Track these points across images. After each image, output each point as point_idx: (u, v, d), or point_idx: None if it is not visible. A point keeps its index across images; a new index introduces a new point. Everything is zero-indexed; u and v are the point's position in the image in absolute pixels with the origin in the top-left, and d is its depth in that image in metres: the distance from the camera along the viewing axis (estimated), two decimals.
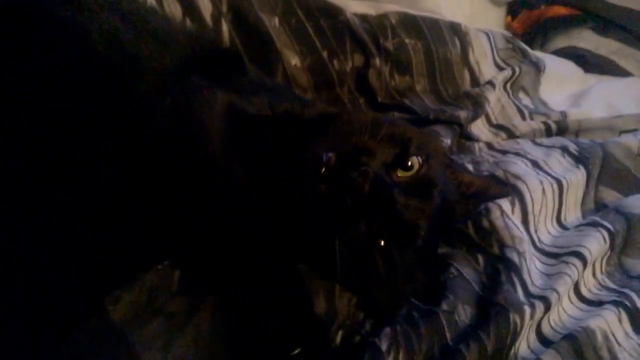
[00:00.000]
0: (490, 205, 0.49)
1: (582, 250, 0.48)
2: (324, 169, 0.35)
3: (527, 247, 0.47)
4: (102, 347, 0.31)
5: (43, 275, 0.33)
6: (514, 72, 0.79)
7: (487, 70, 0.78)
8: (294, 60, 0.63)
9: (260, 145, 0.39)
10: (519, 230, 0.48)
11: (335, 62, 0.66)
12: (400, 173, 0.38)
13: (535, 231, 0.52)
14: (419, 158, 0.39)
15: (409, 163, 0.39)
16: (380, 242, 0.36)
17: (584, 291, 0.47)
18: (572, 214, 0.57)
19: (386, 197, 0.36)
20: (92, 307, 0.32)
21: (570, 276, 0.46)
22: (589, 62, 1.02)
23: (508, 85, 0.78)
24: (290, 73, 0.63)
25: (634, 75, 1.01)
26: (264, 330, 0.34)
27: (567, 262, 0.47)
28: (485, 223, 0.48)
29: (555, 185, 0.55)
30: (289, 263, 0.37)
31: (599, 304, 0.46)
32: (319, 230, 0.36)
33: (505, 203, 0.50)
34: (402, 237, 0.37)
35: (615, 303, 0.46)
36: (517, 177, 0.54)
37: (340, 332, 0.37)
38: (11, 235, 0.32)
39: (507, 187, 0.52)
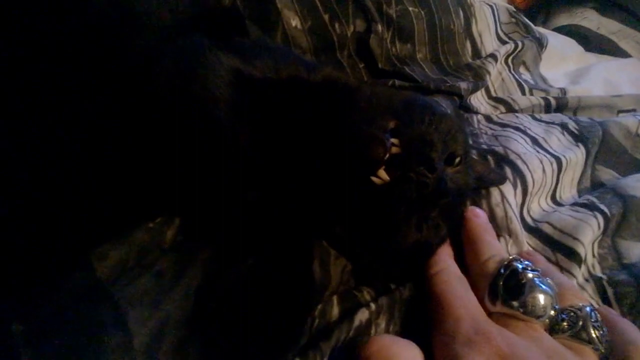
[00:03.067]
0: (492, 188, 0.48)
1: (577, 247, 0.46)
2: (387, 156, 0.34)
3: (522, 243, 0.46)
4: (85, 302, 0.30)
5: (27, 225, 0.33)
6: (516, 46, 0.78)
7: (489, 43, 0.77)
8: (295, 22, 0.62)
9: (269, 111, 0.38)
10: (517, 222, 0.47)
11: (336, 25, 0.65)
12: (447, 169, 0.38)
13: (528, 211, 0.51)
14: (462, 157, 0.40)
15: (455, 161, 0.39)
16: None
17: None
18: (568, 192, 0.56)
19: (443, 195, 0.36)
20: (77, 261, 0.31)
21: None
22: (589, 41, 1.01)
23: (510, 59, 0.78)
24: (290, 35, 0.62)
25: (633, 56, 1.01)
26: (257, 290, 0.34)
27: (563, 269, 0.46)
28: (485, 207, 0.47)
29: (555, 164, 0.54)
30: (295, 228, 0.36)
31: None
32: (354, 210, 0.35)
33: (507, 186, 0.49)
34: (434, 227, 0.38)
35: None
36: (518, 156, 0.53)
37: (335, 298, 0.37)
38: None
39: (505, 174, 0.50)
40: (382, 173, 0.34)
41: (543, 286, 0.34)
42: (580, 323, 0.34)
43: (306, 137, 0.36)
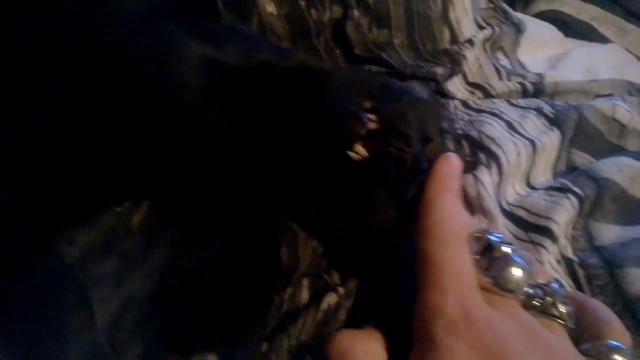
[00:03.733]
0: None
1: (551, 225, 0.47)
2: (363, 131, 0.34)
3: (497, 221, 0.46)
4: (51, 286, 0.30)
5: None
6: (494, 31, 0.78)
7: (467, 28, 0.77)
8: (270, 8, 0.61)
9: (242, 96, 0.37)
10: (491, 201, 0.47)
11: (313, 12, 0.64)
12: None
13: (503, 194, 0.51)
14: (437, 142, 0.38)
15: (431, 146, 0.38)
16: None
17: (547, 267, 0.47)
18: (542, 176, 0.57)
19: (420, 173, 0.35)
20: (45, 247, 0.31)
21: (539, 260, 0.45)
22: (569, 27, 1.01)
23: (487, 45, 0.77)
24: (266, 21, 0.61)
25: (613, 42, 1.01)
26: (221, 271, 0.34)
27: (535, 243, 0.46)
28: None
29: (529, 147, 0.54)
30: (263, 210, 0.36)
31: None
32: (323, 183, 0.35)
33: (480, 169, 0.49)
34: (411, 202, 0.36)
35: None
36: (492, 140, 0.53)
37: (305, 281, 0.37)
38: None
39: (477, 159, 0.50)
40: (360, 148, 0.34)
41: (519, 260, 0.33)
42: (549, 299, 0.33)
43: (280, 121, 0.36)
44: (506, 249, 0.33)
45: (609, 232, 0.50)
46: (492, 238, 0.34)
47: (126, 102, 0.34)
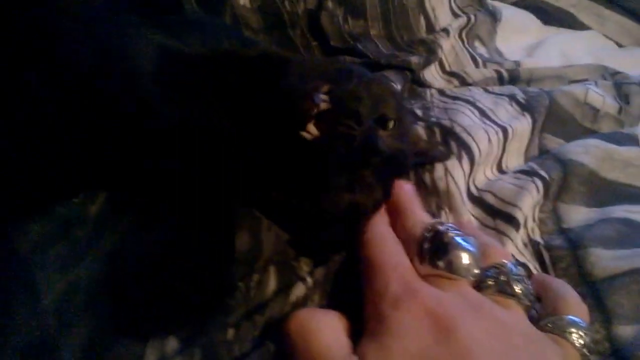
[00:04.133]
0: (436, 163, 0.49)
1: (515, 212, 0.47)
2: (315, 111, 0.34)
3: (461, 217, 0.47)
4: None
5: None
6: (469, 20, 0.78)
7: (443, 17, 0.77)
8: (243, 0, 0.62)
9: (199, 85, 0.38)
10: (459, 195, 0.47)
11: (286, 3, 0.65)
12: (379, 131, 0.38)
13: (474, 181, 0.52)
14: (395, 121, 0.39)
15: (388, 124, 0.39)
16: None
17: (512, 250, 0.47)
18: (515, 161, 0.57)
19: (373, 152, 0.36)
20: None
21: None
22: (548, 14, 1.01)
23: (463, 33, 0.78)
24: (239, 13, 0.62)
25: (591, 29, 1.02)
26: (173, 255, 0.34)
27: (499, 231, 0.47)
28: (427, 180, 0.48)
29: (500, 134, 0.55)
30: (218, 197, 0.36)
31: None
32: (279, 169, 0.36)
33: (451, 160, 0.49)
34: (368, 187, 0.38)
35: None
36: (464, 129, 0.53)
37: (272, 268, 0.37)
38: None
39: (449, 150, 0.51)
40: (312, 127, 0.34)
41: (466, 244, 0.35)
42: (503, 278, 0.35)
43: (237, 106, 0.36)
44: (454, 236, 0.35)
45: (577, 214, 0.51)
46: (441, 228, 0.36)
47: (82, 92, 0.34)
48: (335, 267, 0.39)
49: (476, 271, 0.35)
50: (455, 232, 0.35)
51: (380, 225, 0.38)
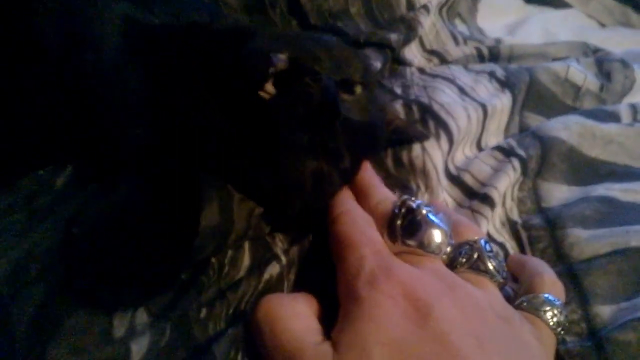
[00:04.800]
0: None
1: (491, 192, 0.47)
2: (272, 70, 0.34)
3: (437, 197, 0.47)
4: None
5: None
6: None
7: None
8: None
9: (166, 56, 0.37)
10: (436, 176, 0.47)
11: None
12: (344, 95, 0.37)
13: (452, 159, 0.51)
14: (361, 86, 0.39)
15: (354, 89, 0.38)
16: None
17: (489, 229, 0.47)
18: (494, 139, 0.57)
19: (333, 111, 0.34)
20: None
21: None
22: None
23: (444, 11, 0.77)
24: None
25: (573, 7, 1.01)
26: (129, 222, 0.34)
27: (474, 210, 0.47)
28: (404, 158, 0.48)
29: (480, 110, 0.55)
30: (181, 167, 0.35)
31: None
32: (248, 136, 0.35)
33: (429, 141, 0.49)
34: (333, 153, 0.37)
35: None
36: (442, 106, 0.53)
37: (246, 244, 0.37)
38: None
39: (427, 130, 0.51)
40: (269, 87, 0.34)
41: (437, 221, 0.34)
42: (476, 255, 0.34)
43: (200, 75, 0.35)
44: (426, 212, 0.34)
45: (557, 192, 0.50)
46: (413, 205, 0.35)
47: (47, 63, 0.34)
48: (309, 245, 0.38)
49: (448, 249, 0.34)
50: (427, 208, 0.35)
51: (349, 201, 0.38)
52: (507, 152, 0.51)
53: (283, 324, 0.31)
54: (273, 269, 0.36)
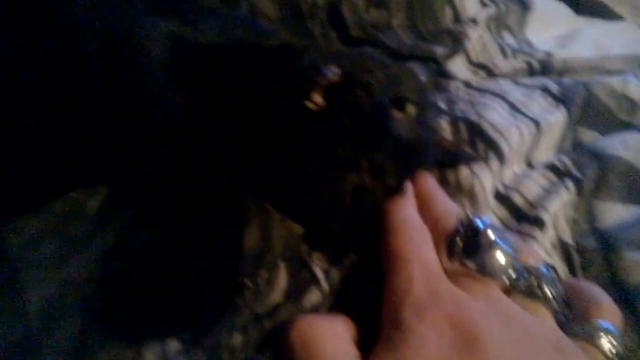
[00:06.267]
0: None
1: (542, 214, 0.44)
2: (322, 81, 0.33)
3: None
4: None
5: None
6: (498, 9, 0.75)
7: (470, 6, 0.74)
8: None
9: (212, 76, 0.36)
10: (484, 199, 0.45)
11: None
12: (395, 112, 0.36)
13: (501, 177, 0.49)
14: (414, 105, 0.38)
15: (406, 107, 0.37)
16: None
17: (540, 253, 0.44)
18: (544, 155, 0.54)
19: (382, 125, 0.34)
20: None
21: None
22: (580, 4, 0.97)
23: (492, 23, 0.75)
24: (256, 4, 0.59)
25: (626, 19, 0.97)
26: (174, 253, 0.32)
27: (523, 233, 0.44)
28: (451, 178, 0.46)
29: (533, 127, 0.52)
30: (226, 189, 0.34)
31: None
32: (291, 150, 0.34)
33: (478, 165, 0.47)
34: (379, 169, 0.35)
35: None
36: (492, 126, 0.50)
37: (282, 265, 0.35)
38: None
39: (475, 152, 0.48)
40: (317, 97, 0.32)
41: (503, 245, 0.32)
42: (534, 281, 0.32)
43: (247, 94, 0.34)
44: (492, 234, 0.32)
45: (612, 212, 0.47)
46: (478, 223, 0.33)
47: (87, 82, 0.32)
48: (352, 267, 0.36)
49: (510, 274, 0.32)
50: (493, 229, 0.33)
51: (407, 209, 0.35)
52: (561, 173, 0.48)
53: (318, 348, 0.29)
54: (313, 297, 0.34)
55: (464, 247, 0.32)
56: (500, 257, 0.31)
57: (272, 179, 0.34)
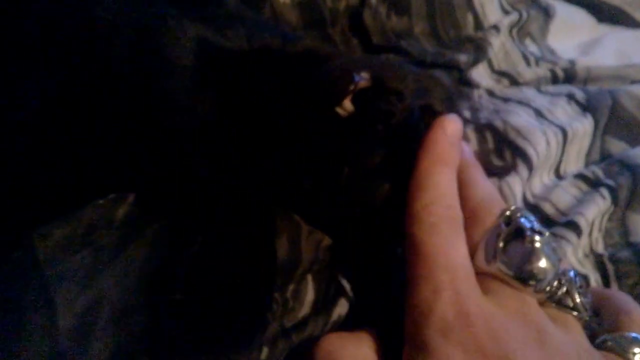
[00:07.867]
0: None
1: (578, 219, 0.43)
2: (353, 87, 0.31)
3: None
4: (14, 283, 0.28)
5: None
6: (520, 16, 0.74)
7: (492, 13, 0.73)
8: None
9: (239, 80, 0.35)
10: (514, 204, 0.44)
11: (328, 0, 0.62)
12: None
13: (530, 186, 0.48)
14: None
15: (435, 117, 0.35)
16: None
17: (571, 259, 0.43)
18: (573, 166, 0.53)
19: (415, 132, 0.33)
20: (18, 242, 0.29)
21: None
22: (602, 12, 0.96)
23: (514, 31, 0.74)
24: (278, 10, 0.59)
25: None
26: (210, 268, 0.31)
27: (559, 236, 0.43)
28: None
29: (560, 135, 0.51)
30: (256, 200, 0.33)
31: None
32: (320, 159, 0.32)
33: (508, 174, 0.46)
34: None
35: None
36: (518, 132, 0.49)
37: (309, 277, 0.34)
38: None
39: (505, 164, 0.47)
40: (347, 103, 0.31)
41: (548, 252, 0.29)
42: (565, 289, 0.30)
43: (275, 102, 0.33)
44: (538, 238, 0.29)
45: None
46: (525, 223, 0.30)
47: (114, 87, 0.32)
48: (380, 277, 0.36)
49: (552, 284, 0.30)
50: (540, 234, 0.29)
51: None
52: (592, 182, 0.47)
53: None
54: (342, 308, 0.33)
55: (505, 250, 0.29)
56: (544, 265, 0.28)
57: (301, 188, 0.33)
